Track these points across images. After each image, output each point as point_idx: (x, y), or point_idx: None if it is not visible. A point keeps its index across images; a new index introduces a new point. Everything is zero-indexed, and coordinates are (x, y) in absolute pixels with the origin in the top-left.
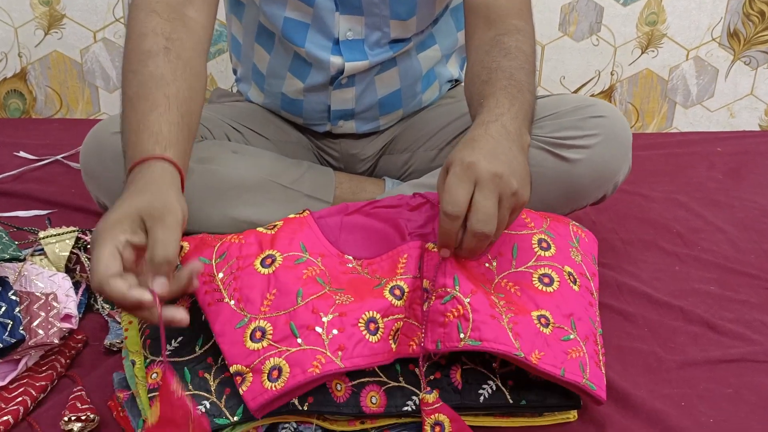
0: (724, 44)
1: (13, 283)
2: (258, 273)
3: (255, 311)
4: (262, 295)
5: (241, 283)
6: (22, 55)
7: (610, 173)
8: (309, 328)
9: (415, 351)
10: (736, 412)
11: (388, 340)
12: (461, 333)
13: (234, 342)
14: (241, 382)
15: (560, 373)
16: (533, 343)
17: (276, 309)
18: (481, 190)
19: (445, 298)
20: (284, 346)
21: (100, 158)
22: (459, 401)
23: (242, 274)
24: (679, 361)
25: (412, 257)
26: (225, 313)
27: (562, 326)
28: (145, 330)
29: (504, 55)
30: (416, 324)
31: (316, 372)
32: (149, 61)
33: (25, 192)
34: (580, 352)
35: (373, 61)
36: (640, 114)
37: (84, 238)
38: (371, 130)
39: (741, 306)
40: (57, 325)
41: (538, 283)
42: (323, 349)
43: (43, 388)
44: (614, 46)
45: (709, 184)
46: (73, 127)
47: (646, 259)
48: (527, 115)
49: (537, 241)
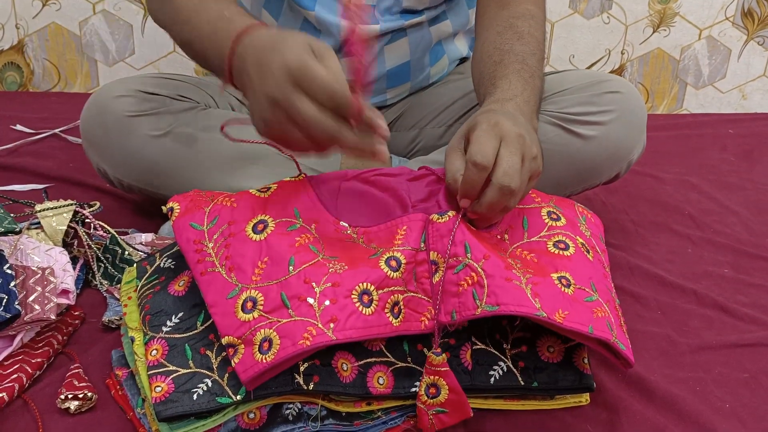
0: (738, 24)
1: (9, 257)
2: (249, 240)
3: (246, 280)
4: (253, 263)
5: (232, 251)
6: (19, 26)
7: (625, 151)
8: (300, 299)
9: (427, 326)
10: (752, 397)
11: (383, 313)
12: (477, 300)
13: (226, 313)
14: (233, 354)
15: (588, 330)
16: (555, 302)
17: (267, 278)
18: (506, 146)
19: (457, 268)
20: (275, 317)
21: (102, 123)
22: (470, 382)
23: (233, 242)
24: (694, 345)
25: (413, 230)
26: (217, 283)
27: (583, 288)
28: (144, 306)
29: (518, 38)
30: (426, 298)
31: (306, 344)
32: None
33: (22, 166)
34: (605, 312)
35: (383, 27)
36: (650, 95)
37: (82, 212)
38: (378, 104)
39: (756, 290)
40: (54, 301)
41: (554, 248)
42: (315, 320)
43: (39, 365)
44: (625, 24)
45: (722, 167)
46: (71, 101)
47: (658, 241)
48: (537, 102)
49: (546, 213)
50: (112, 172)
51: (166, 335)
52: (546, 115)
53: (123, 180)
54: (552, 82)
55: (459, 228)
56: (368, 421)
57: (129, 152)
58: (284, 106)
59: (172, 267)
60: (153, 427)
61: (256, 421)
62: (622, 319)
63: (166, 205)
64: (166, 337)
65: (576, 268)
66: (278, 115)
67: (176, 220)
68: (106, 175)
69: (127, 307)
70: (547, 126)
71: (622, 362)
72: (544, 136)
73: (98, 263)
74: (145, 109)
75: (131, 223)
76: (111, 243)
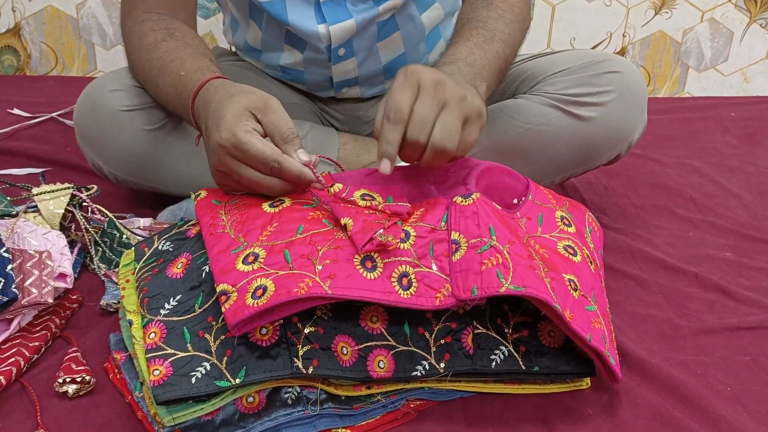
0: (741, 6)
1: (5, 240)
2: (264, 212)
3: (252, 240)
4: (263, 227)
5: (245, 217)
6: (15, 9)
7: (625, 132)
8: (303, 257)
9: (443, 302)
10: (754, 381)
11: (388, 281)
12: (501, 279)
13: (226, 263)
14: (225, 300)
15: (587, 337)
16: (566, 301)
17: (273, 239)
18: (421, 97)
19: (481, 248)
20: (274, 269)
21: (95, 118)
22: (471, 366)
23: (247, 210)
24: (695, 328)
25: (433, 209)
26: (224, 241)
27: (585, 295)
28: (142, 288)
29: (485, 5)
30: (443, 276)
31: (301, 293)
32: (159, 46)
33: (19, 149)
34: (601, 325)
35: (359, 20)
36: (652, 78)
37: (79, 196)
38: (377, 93)
39: (757, 273)
40: (51, 284)
41: (564, 251)
42: (313, 274)
43: (36, 348)
44: (627, 6)
45: (724, 150)
46: (68, 85)
47: (659, 225)
48: (491, 64)
49: (559, 216)
50: (107, 167)
51: (164, 318)
52: (545, 96)
53: (118, 175)
54: (549, 63)
55: (484, 211)
56: (368, 405)
57: (123, 147)
58: (229, 172)
59: (171, 249)
60: (151, 411)
61: (255, 404)
62: (612, 334)
63: (195, 193)
64: (165, 320)
65: (581, 276)
66: (228, 178)
67: (200, 200)
68: (101, 170)
69: (125, 290)
70: (546, 108)
71: (610, 376)
72: (543, 117)
73: (96, 247)
74: (139, 104)
75: (129, 207)
76: (109, 227)
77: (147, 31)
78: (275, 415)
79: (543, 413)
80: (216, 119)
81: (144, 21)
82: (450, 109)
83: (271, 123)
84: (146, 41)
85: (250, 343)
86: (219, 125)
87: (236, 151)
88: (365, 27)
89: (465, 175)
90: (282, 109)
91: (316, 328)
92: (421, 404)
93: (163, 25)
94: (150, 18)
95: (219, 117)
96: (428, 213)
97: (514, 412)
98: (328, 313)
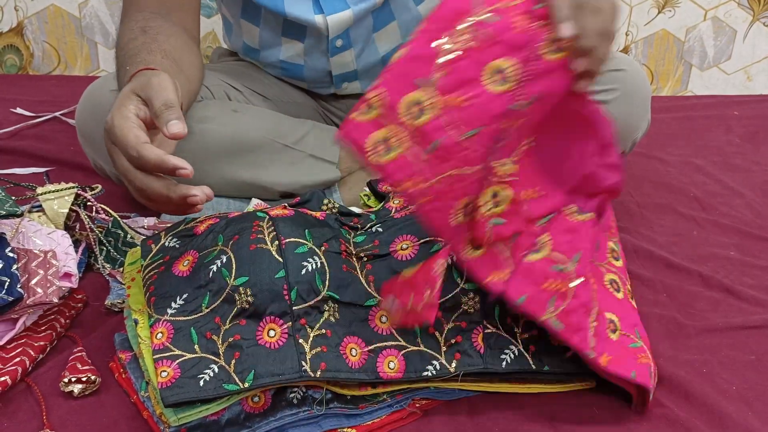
0: (744, 4)
1: (10, 240)
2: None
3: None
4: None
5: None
6: (18, 8)
7: (629, 130)
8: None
9: (490, 285)
10: (759, 379)
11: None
12: (550, 306)
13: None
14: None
15: (631, 375)
16: (604, 346)
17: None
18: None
19: (556, 266)
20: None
21: (97, 118)
22: (482, 366)
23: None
24: (700, 327)
25: (542, 202)
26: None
27: (627, 334)
28: (149, 287)
29: None
30: (510, 258)
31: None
32: (129, 45)
33: (23, 149)
34: (648, 359)
35: (356, 10)
36: (655, 76)
37: (84, 195)
38: None
39: (762, 272)
40: (56, 284)
41: (609, 285)
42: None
43: (42, 348)
44: (630, 5)
45: (727, 149)
46: (71, 84)
47: (663, 223)
48: None
49: (610, 249)
50: (108, 167)
51: (171, 318)
52: None
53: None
54: None
55: (585, 234)
56: (373, 404)
57: None
58: (111, 161)
59: (177, 246)
60: (157, 410)
61: (261, 404)
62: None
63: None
64: (172, 320)
65: (623, 313)
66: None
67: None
68: (102, 170)
69: (130, 289)
70: None
71: (640, 405)
72: None
73: (100, 246)
74: None
75: (133, 207)
76: (113, 226)
77: (125, 30)
78: (281, 415)
79: (549, 413)
80: (110, 114)
81: (129, 21)
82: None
83: (149, 99)
84: (122, 41)
85: (259, 345)
86: (109, 124)
87: (110, 135)
88: (362, 17)
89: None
90: (166, 83)
91: (324, 331)
92: (426, 404)
93: (140, 24)
94: (134, 18)
95: (110, 114)
96: (536, 203)
97: (520, 411)
98: (336, 315)
